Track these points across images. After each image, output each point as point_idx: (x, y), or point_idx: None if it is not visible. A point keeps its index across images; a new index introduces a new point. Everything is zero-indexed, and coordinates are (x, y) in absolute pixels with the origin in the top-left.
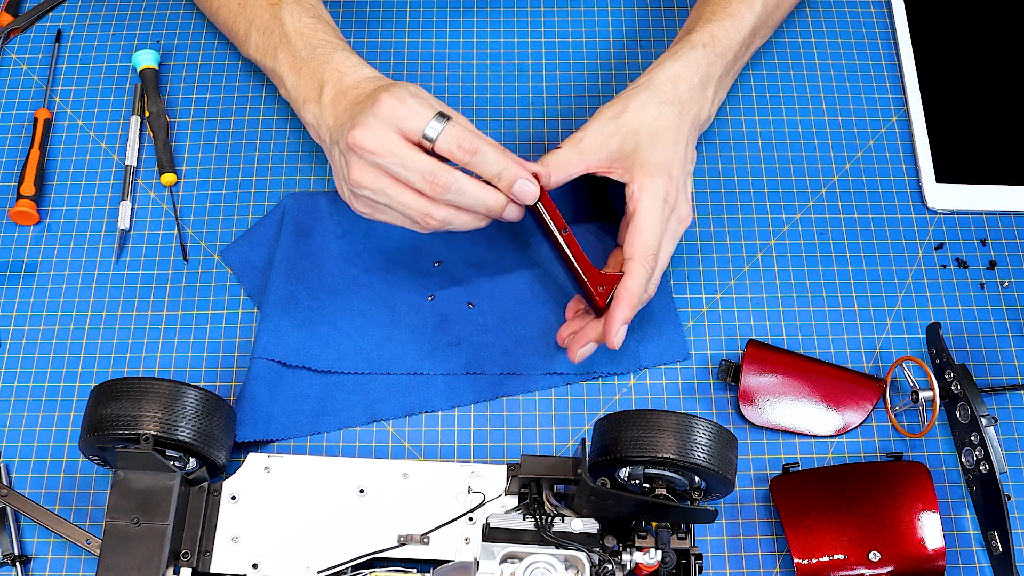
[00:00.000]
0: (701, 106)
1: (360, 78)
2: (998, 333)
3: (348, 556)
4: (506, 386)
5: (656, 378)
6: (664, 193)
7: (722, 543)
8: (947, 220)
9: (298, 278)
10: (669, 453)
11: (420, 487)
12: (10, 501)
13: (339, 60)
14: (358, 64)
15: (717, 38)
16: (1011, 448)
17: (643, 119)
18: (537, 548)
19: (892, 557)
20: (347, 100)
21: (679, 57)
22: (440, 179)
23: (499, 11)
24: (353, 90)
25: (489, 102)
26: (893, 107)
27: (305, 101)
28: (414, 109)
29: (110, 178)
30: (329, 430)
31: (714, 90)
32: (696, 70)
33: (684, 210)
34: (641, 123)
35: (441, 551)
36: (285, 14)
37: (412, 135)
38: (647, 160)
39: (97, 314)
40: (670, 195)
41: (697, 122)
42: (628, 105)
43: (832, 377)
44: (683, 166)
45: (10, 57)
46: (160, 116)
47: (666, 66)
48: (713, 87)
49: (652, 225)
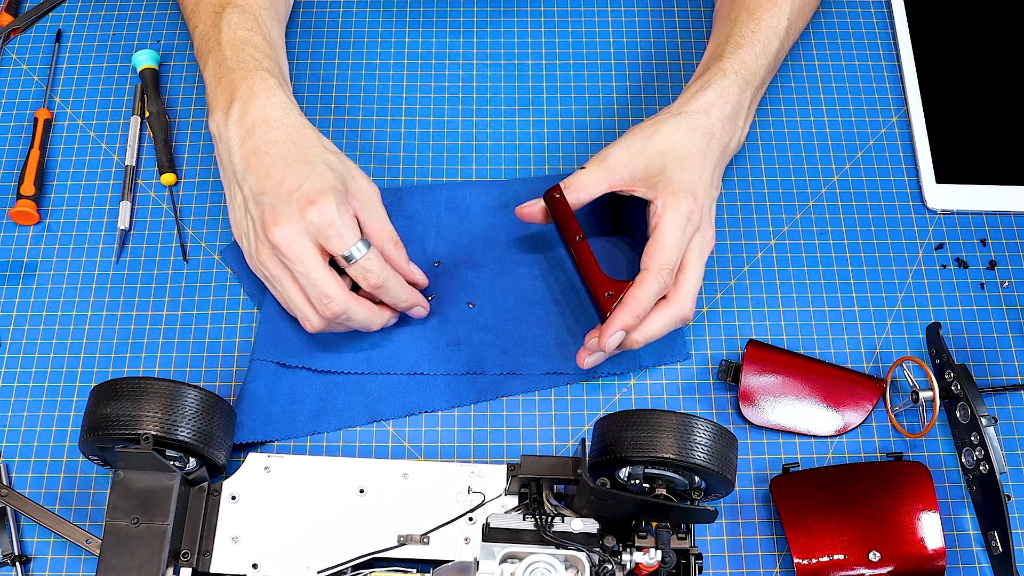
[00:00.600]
0: (732, 135)
1: (271, 105)
2: (998, 333)
3: (348, 556)
4: (506, 386)
5: (656, 378)
6: (688, 212)
7: (722, 543)
8: (947, 220)
9: None
10: (669, 453)
11: (420, 487)
12: (10, 501)
13: (256, 80)
14: (273, 88)
15: (748, 64)
16: (1011, 448)
17: (671, 143)
18: (537, 548)
19: (892, 557)
20: (255, 140)
21: (712, 85)
22: (332, 306)
23: (499, 11)
24: (261, 119)
25: (489, 101)
26: (893, 107)
27: (214, 109)
28: (339, 231)
29: (110, 178)
30: (329, 430)
31: (744, 119)
32: (728, 99)
33: (708, 232)
34: (669, 147)
35: (441, 551)
36: (224, 23)
37: (328, 248)
38: (673, 180)
39: (97, 314)
40: (694, 215)
41: (727, 151)
42: (658, 129)
43: (832, 377)
44: (708, 191)
45: (10, 57)
46: (160, 116)
47: (699, 94)
48: (744, 116)
49: (672, 240)
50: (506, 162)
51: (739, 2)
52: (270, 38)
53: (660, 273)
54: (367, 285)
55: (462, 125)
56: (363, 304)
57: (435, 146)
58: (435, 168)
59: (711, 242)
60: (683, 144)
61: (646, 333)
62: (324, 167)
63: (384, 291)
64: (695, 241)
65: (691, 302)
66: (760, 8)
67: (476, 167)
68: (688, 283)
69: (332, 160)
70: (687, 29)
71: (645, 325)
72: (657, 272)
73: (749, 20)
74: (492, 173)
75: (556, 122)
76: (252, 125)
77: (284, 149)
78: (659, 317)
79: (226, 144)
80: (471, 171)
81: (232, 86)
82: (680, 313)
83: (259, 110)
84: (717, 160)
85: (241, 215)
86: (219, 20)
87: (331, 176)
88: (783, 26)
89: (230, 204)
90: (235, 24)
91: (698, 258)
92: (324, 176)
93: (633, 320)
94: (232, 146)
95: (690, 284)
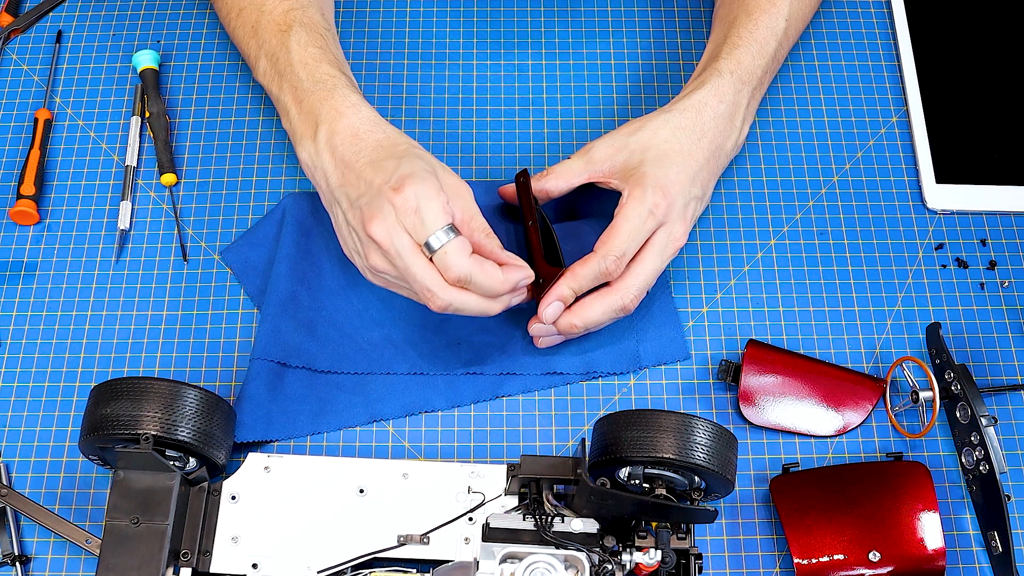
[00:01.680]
0: (727, 135)
1: (358, 123)
2: (998, 333)
3: (348, 556)
4: (506, 386)
5: (656, 378)
6: (652, 204)
7: (722, 543)
8: (947, 220)
9: (298, 278)
10: (669, 453)
11: (420, 487)
12: (10, 501)
13: (338, 98)
14: (357, 104)
15: (744, 64)
16: (1011, 448)
17: (655, 140)
18: (537, 548)
19: (892, 557)
20: (345, 155)
21: (705, 84)
22: (436, 300)
23: (499, 11)
24: (351, 142)
25: (489, 102)
26: (893, 107)
27: (302, 137)
28: (421, 215)
29: (110, 178)
30: (329, 430)
31: (742, 119)
32: (723, 98)
33: (677, 230)
34: (652, 143)
35: (441, 551)
36: (292, 41)
37: (417, 237)
38: (646, 174)
39: (97, 314)
40: (659, 208)
41: (721, 150)
42: (645, 125)
43: (832, 377)
44: (686, 188)
45: (10, 57)
46: (160, 116)
47: (692, 93)
48: (741, 116)
49: (627, 228)
50: (506, 162)
51: (738, 3)
52: (339, 55)
53: (605, 257)
54: (448, 279)
55: (462, 125)
56: (468, 295)
57: (435, 146)
58: None
59: (678, 240)
60: (667, 141)
61: (584, 317)
62: (412, 157)
63: (471, 286)
64: (658, 235)
65: (634, 294)
66: (758, 9)
67: (476, 167)
68: (637, 276)
69: (421, 153)
70: (687, 29)
71: (584, 309)
72: (603, 255)
73: (747, 20)
74: (492, 173)
75: (556, 122)
76: (342, 143)
77: (373, 154)
78: (598, 302)
79: (321, 170)
80: (471, 171)
81: (314, 109)
82: (619, 303)
83: (347, 128)
84: (707, 159)
85: (346, 232)
86: (287, 39)
87: (419, 164)
88: (781, 26)
89: (337, 227)
90: (304, 42)
91: (657, 254)
92: (412, 164)
93: (568, 292)
94: (327, 169)
95: (638, 277)
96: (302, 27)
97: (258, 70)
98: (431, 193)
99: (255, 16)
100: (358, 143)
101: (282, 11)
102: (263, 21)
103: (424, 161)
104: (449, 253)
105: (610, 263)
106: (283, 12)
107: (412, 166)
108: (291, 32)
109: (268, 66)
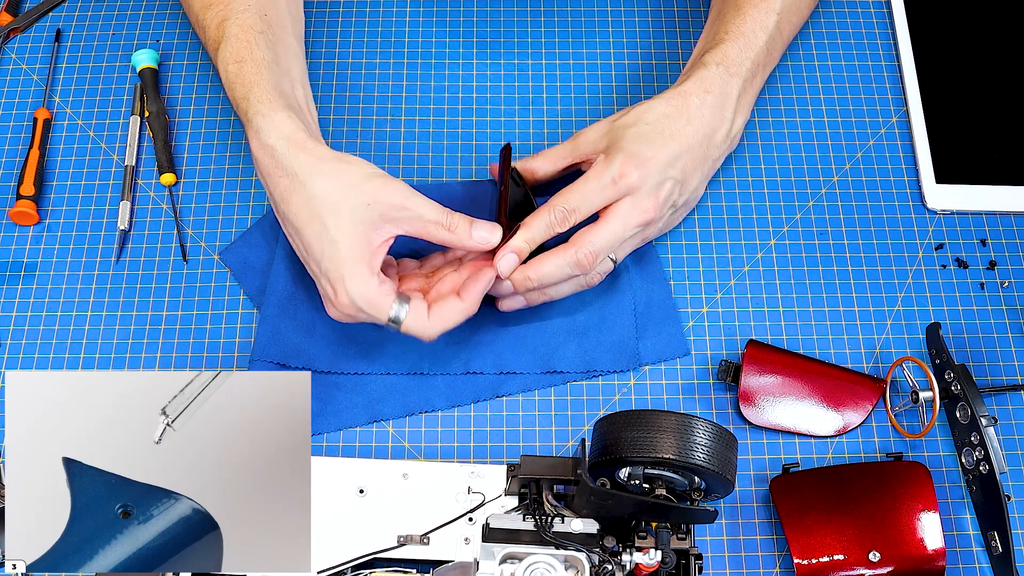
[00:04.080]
0: (716, 126)
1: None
2: (998, 333)
3: (348, 556)
4: (505, 385)
5: (656, 378)
6: (616, 173)
7: (722, 543)
8: (947, 220)
9: (297, 279)
10: (669, 453)
11: (420, 487)
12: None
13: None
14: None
15: (730, 57)
16: (1011, 448)
17: (638, 122)
18: (537, 548)
19: (892, 557)
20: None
21: (691, 76)
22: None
23: (499, 11)
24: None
25: (489, 101)
26: (893, 107)
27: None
28: (371, 313)
29: (110, 178)
30: (329, 430)
31: (733, 110)
32: (710, 88)
33: (647, 203)
34: (635, 125)
35: (441, 551)
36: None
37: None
38: (623, 148)
39: (97, 314)
40: (626, 178)
41: (711, 141)
42: (631, 111)
43: (832, 377)
44: (662, 167)
45: (10, 57)
46: (160, 116)
47: (678, 86)
48: (732, 107)
49: (582, 186)
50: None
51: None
52: (263, 61)
53: (554, 208)
54: (427, 337)
55: (462, 125)
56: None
57: (435, 146)
58: (435, 168)
59: (646, 213)
60: (650, 124)
61: (539, 271)
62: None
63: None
64: (623, 203)
65: (588, 250)
66: (748, 4)
67: (476, 167)
68: (595, 234)
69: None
70: (687, 29)
71: (539, 263)
72: (552, 206)
73: (735, 16)
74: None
75: (555, 122)
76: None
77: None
78: (553, 257)
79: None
80: (471, 171)
81: (245, 120)
82: (574, 257)
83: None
84: (691, 145)
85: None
86: (218, 58)
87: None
88: (772, 20)
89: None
90: (227, 59)
91: (619, 220)
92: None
93: (522, 244)
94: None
95: (597, 236)
96: (227, 41)
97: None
98: (363, 288)
99: (202, 35)
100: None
101: (215, 25)
102: (207, 39)
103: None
104: (411, 324)
105: (558, 213)
106: (216, 27)
107: (330, 259)
108: (220, 49)
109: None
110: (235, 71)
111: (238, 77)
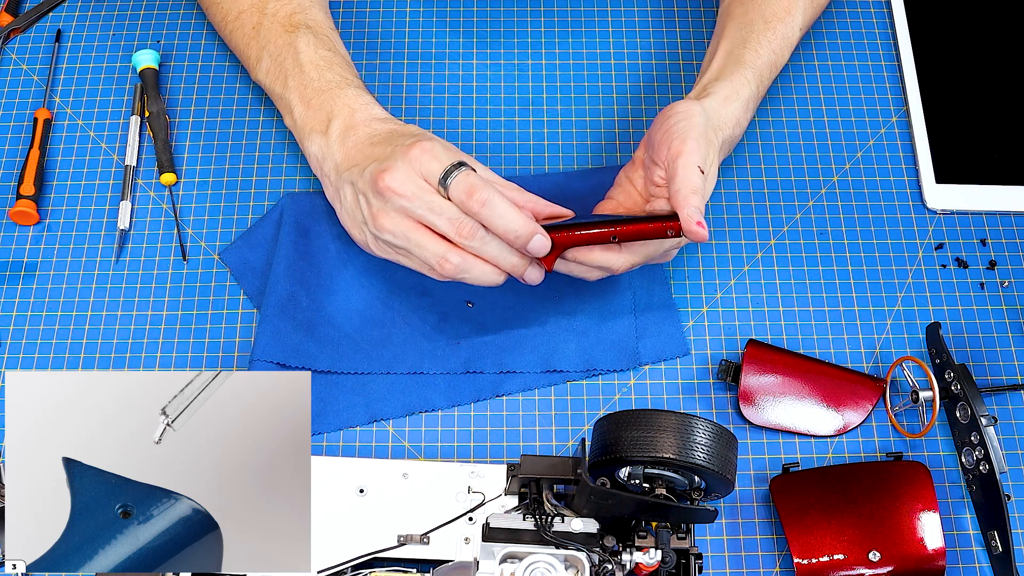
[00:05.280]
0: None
1: (370, 117)
2: (998, 333)
3: (348, 556)
4: (505, 384)
5: (656, 378)
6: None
7: (722, 543)
8: (947, 220)
9: (297, 279)
10: (669, 453)
11: (420, 487)
12: None
13: (351, 96)
14: (369, 103)
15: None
16: (1011, 448)
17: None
18: (537, 548)
19: (892, 557)
20: (357, 138)
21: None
22: (465, 226)
23: (499, 11)
24: (364, 128)
25: (489, 101)
26: (893, 107)
27: (311, 132)
28: (436, 156)
29: (110, 178)
30: (329, 430)
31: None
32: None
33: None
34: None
35: (441, 551)
36: (301, 43)
37: (432, 181)
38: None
39: (97, 314)
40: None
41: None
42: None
43: (832, 377)
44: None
45: (10, 57)
46: (160, 116)
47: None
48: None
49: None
50: (506, 162)
51: (754, 8)
52: (347, 57)
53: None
54: (473, 205)
55: (462, 125)
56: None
57: None
58: None
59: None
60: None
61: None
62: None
63: (490, 210)
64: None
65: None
66: (775, 18)
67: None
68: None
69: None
70: (688, 29)
71: None
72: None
73: (765, 29)
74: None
75: (556, 122)
76: (355, 135)
77: (387, 136)
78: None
79: (331, 160)
80: None
81: (325, 106)
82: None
83: (361, 122)
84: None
85: (353, 204)
86: (295, 40)
87: (431, 134)
88: (795, 36)
89: (340, 210)
90: (313, 44)
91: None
92: (424, 132)
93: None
94: (337, 158)
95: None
96: (308, 29)
97: (260, 70)
98: (443, 143)
99: (256, 18)
100: (372, 133)
101: (286, 14)
102: (265, 23)
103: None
104: (469, 174)
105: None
106: (287, 15)
107: (424, 133)
108: (298, 34)
109: (272, 66)
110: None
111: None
